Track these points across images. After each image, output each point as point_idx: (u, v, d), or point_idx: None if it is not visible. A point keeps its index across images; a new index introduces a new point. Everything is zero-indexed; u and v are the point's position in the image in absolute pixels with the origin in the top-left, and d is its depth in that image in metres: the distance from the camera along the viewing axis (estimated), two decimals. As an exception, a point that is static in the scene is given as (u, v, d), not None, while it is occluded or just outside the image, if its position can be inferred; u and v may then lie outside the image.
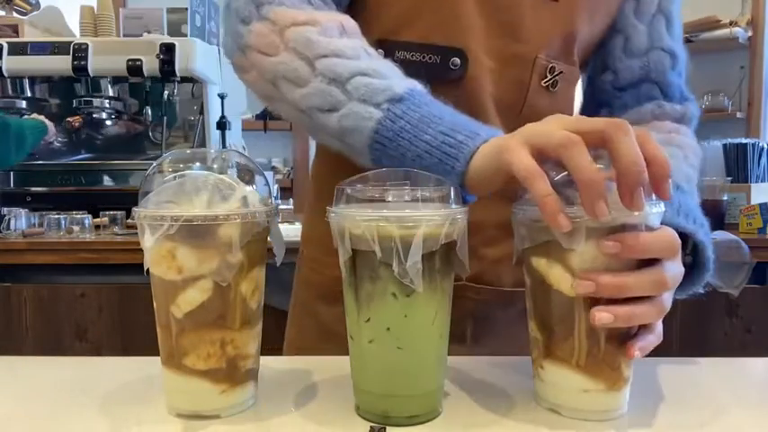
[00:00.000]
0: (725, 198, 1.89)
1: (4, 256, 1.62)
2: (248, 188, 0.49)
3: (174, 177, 0.48)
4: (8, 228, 1.75)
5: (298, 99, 0.57)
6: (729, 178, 1.94)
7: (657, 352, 0.50)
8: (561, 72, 0.70)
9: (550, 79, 0.69)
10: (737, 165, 1.96)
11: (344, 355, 0.52)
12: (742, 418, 0.50)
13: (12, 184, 2.02)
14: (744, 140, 2.02)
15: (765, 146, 1.99)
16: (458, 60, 0.65)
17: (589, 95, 0.78)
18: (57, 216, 1.74)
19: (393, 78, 0.55)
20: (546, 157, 0.45)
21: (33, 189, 2.01)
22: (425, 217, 0.45)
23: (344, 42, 0.57)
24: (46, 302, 1.63)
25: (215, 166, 0.50)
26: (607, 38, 0.74)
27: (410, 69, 0.59)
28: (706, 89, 2.48)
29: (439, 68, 0.65)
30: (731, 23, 2.35)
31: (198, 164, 0.50)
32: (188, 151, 0.54)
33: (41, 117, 1.97)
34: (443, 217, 0.46)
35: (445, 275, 0.49)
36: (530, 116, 0.65)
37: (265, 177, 0.52)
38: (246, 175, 0.50)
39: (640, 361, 0.50)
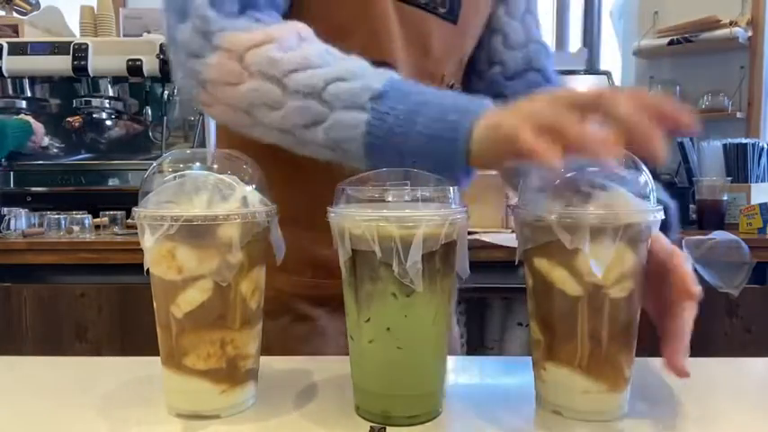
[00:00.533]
0: (725, 198, 1.89)
1: (4, 256, 1.62)
2: (248, 188, 0.49)
3: (174, 177, 0.48)
4: (8, 228, 1.74)
5: (278, 121, 0.55)
6: (729, 178, 1.94)
7: (656, 352, 0.50)
8: (458, 88, 0.76)
9: None
10: (737, 165, 1.96)
11: (342, 356, 0.52)
12: (742, 419, 0.50)
13: (12, 184, 2.02)
14: (744, 140, 2.02)
15: (765, 146, 1.99)
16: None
17: (483, 90, 0.80)
18: (57, 216, 1.74)
19: (368, 75, 0.54)
20: (546, 132, 0.44)
21: (33, 189, 2.01)
22: (425, 217, 0.45)
23: (307, 51, 0.56)
24: (46, 302, 1.63)
25: (215, 166, 0.50)
26: (485, 40, 0.80)
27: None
28: (706, 89, 2.48)
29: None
30: (731, 23, 2.34)
31: (198, 164, 0.50)
32: (188, 151, 0.54)
33: (28, 118, 1.97)
34: (443, 217, 0.46)
35: (445, 275, 0.49)
36: None
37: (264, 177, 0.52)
38: (246, 175, 0.50)
39: (640, 361, 0.50)
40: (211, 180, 0.48)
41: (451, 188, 0.48)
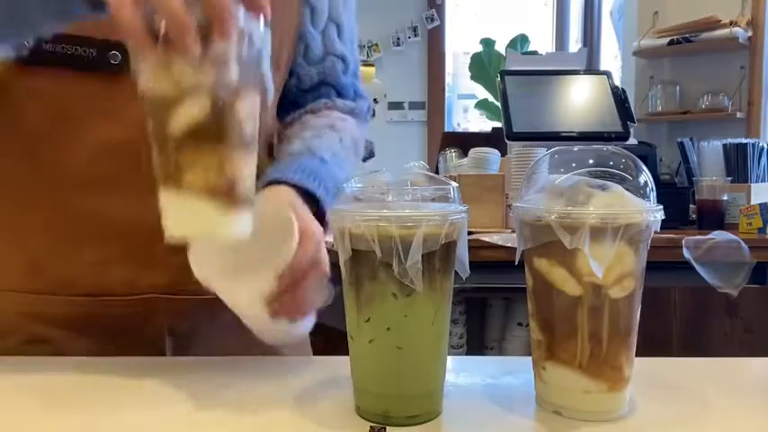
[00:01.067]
0: (725, 198, 1.89)
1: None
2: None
3: None
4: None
5: None
6: (729, 178, 1.94)
7: (657, 352, 0.50)
8: None
9: None
10: (737, 165, 1.96)
11: (341, 356, 0.52)
12: (742, 419, 0.50)
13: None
14: (744, 140, 2.02)
15: (765, 146, 1.99)
16: (118, 54, 0.63)
17: (281, 94, 0.80)
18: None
19: None
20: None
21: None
22: (425, 217, 0.45)
23: None
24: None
25: None
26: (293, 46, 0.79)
27: (61, 61, 0.61)
28: (706, 89, 2.48)
29: (96, 61, 0.63)
30: (731, 23, 2.34)
31: None
32: None
33: None
34: (443, 217, 0.46)
35: (445, 275, 0.49)
36: None
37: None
38: None
39: (640, 361, 0.50)
40: None
41: (452, 188, 0.49)
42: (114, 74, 0.63)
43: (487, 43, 3.53)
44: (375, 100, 4.06)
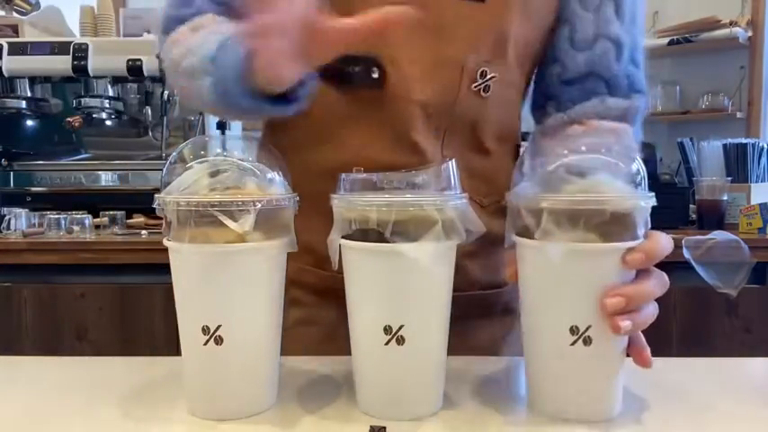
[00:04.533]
0: (725, 198, 1.89)
1: (4, 255, 1.62)
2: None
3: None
4: (8, 228, 1.74)
5: (192, 98, 0.63)
6: (729, 178, 1.94)
7: (656, 352, 0.50)
8: (494, 76, 0.68)
9: (481, 83, 0.68)
10: (737, 165, 1.96)
11: (345, 355, 0.52)
12: (741, 419, 0.50)
13: (12, 184, 2.02)
14: (744, 140, 2.02)
15: (765, 146, 1.99)
16: (377, 69, 0.65)
17: (537, 87, 0.75)
18: (57, 216, 1.74)
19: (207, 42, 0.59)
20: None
21: (33, 189, 2.01)
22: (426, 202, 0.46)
23: (190, 41, 0.63)
24: (46, 302, 1.63)
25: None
26: (555, 28, 0.71)
27: (336, 79, 0.65)
28: (706, 89, 2.48)
29: (360, 77, 0.66)
30: (731, 23, 2.34)
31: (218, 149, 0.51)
32: (206, 138, 0.56)
33: None
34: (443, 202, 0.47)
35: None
36: (461, 121, 0.68)
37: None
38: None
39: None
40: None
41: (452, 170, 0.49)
42: (375, 88, 0.66)
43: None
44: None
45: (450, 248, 0.48)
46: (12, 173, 2.01)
